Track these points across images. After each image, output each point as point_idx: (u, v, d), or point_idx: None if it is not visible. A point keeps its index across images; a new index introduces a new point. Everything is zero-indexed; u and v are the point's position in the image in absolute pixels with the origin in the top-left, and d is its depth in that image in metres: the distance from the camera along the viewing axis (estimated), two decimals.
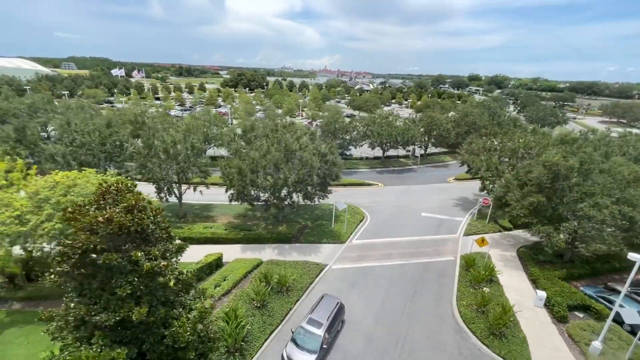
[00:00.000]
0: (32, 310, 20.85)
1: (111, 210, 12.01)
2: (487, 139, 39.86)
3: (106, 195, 12.67)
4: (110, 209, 12.11)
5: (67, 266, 11.79)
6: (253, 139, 32.38)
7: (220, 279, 23.73)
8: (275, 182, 26.31)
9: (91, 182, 21.57)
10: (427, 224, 35.94)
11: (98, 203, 12.47)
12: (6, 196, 19.07)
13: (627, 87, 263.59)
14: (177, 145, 29.13)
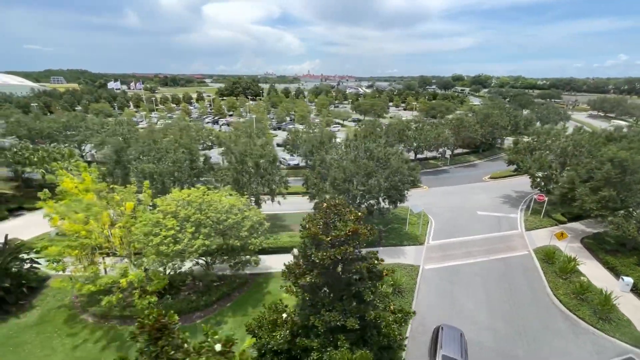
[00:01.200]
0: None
1: (342, 224, 13.17)
2: (532, 138, 42.38)
3: (327, 211, 13.78)
4: (340, 223, 13.27)
5: (310, 278, 12.85)
6: (329, 148, 33.56)
7: None
8: (369, 189, 27.64)
9: (215, 199, 22.31)
10: (487, 222, 37.97)
11: (326, 218, 13.57)
12: (155, 216, 19.65)
13: (603, 82, 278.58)
14: (261, 159, 30.05)
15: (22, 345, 19.68)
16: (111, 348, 19.51)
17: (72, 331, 20.83)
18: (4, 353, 19.07)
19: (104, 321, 21.70)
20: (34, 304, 23.35)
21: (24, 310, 22.73)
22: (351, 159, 28.92)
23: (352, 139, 32.85)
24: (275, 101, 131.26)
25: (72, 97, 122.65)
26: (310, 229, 13.10)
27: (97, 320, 21.81)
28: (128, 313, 21.83)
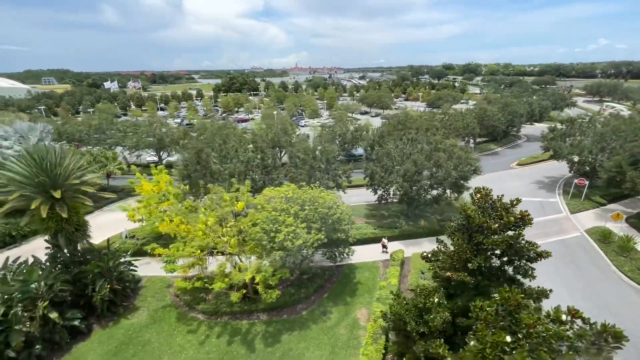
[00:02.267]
0: (282, 319, 22.29)
1: (504, 212, 14.31)
2: (565, 124, 44.21)
3: (484, 202, 14.89)
4: (499, 213, 14.41)
5: (471, 265, 14.00)
6: (385, 141, 34.53)
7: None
8: (439, 179, 28.85)
9: (316, 195, 23.14)
10: (531, 207, 39.52)
11: (483, 209, 14.67)
12: (272, 214, 20.37)
13: (589, 67, 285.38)
14: (330, 154, 30.88)
15: (148, 343, 20.35)
16: (236, 342, 20.36)
17: (189, 328, 21.55)
18: (136, 352, 19.74)
19: (215, 318, 22.47)
20: (137, 305, 23.91)
21: (130, 311, 23.29)
22: (418, 150, 30.01)
23: (413, 132, 33.87)
24: (279, 96, 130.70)
25: (72, 98, 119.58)
26: (476, 218, 14.21)
27: (207, 317, 22.56)
28: (237, 309, 22.65)
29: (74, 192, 21.76)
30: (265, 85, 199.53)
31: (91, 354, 19.69)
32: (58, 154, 21.38)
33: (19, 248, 32.51)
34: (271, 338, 20.68)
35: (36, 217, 21.87)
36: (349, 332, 21.26)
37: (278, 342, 20.35)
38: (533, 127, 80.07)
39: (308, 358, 19.28)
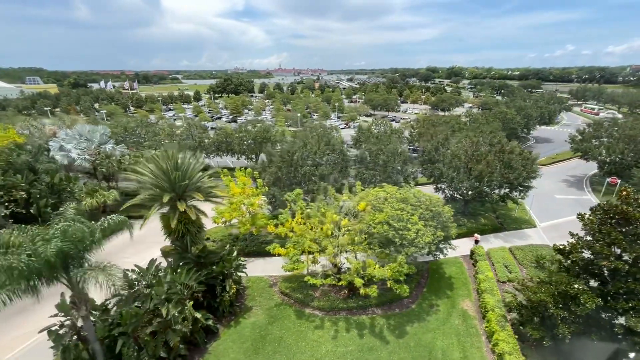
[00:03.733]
0: (396, 313, 23.53)
1: None
2: (592, 127, 47.72)
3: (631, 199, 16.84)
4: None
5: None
6: (448, 144, 36.36)
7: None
8: (510, 179, 30.95)
9: (413, 194, 24.59)
10: (569, 204, 42.75)
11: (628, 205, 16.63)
12: (396, 213, 21.61)
13: (566, 72, 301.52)
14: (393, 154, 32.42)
15: (281, 340, 21.07)
16: (366, 335, 21.44)
17: (314, 324, 22.36)
18: (274, 349, 20.43)
19: (332, 314, 23.41)
20: (247, 304, 24.47)
21: (244, 310, 23.84)
22: (485, 152, 32.05)
23: (471, 134, 35.90)
24: (283, 98, 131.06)
25: (69, 98, 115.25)
26: (635, 213, 16.17)
27: (324, 313, 23.46)
28: (352, 305, 23.71)
29: (191, 195, 22.17)
30: (261, 87, 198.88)
31: (230, 353, 20.23)
32: (183, 158, 21.76)
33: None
34: (397, 330, 21.90)
35: (163, 219, 22.26)
36: (463, 322, 22.78)
37: (406, 334, 21.60)
38: (537, 130, 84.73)
39: (440, 347, 20.64)
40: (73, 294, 14.95)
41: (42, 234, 13.98)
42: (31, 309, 22.70)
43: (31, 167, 33.26)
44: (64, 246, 13.58)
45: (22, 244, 13.32)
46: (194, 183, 21.95)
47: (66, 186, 33.52)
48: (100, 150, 35.41)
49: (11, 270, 12.37)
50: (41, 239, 13.58)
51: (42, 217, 32.34)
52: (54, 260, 13.23)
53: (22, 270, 12.57)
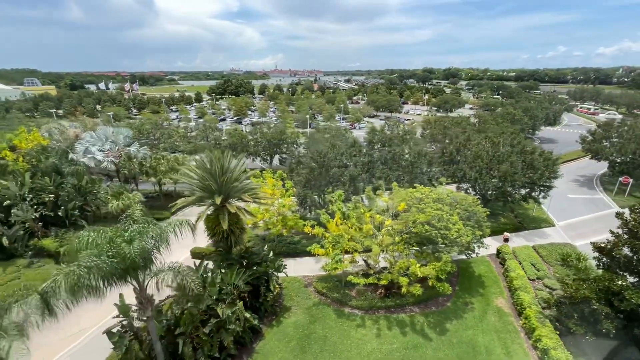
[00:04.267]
0: (433, 311, 24.02)
1: None
2: (602, 129, 48.80)
3: None
4: None
5: None
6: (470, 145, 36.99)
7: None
8: (531, 180, 31.69)
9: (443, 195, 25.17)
10: (582, 203, 43.67)
11: None
12: (436, 212, 22.12)
13: (562, 73, 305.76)
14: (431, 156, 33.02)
15: (326, 339, 21.44)
16: (409, 333, 21.90)
17: (355, 323, 22.78)
18: (321, 347, 20.79)
19: (371, 312, 23.84)
20: (286, 305, 24.79)
21: (284, 310, 24.15)
22: (508, 153, 32.76)
23: (491, 135, 36.56)
24: (282, 99, 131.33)
25: (72, 100, 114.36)
26: None
27: (364, 312, 23.87)
28: (390, 304, 24.16)
29: (239, 197, 22.48)
30: (261, 88, 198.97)
31: (278, 352, 20.56)
32: (227, 160, 22.05)
33: None
34: (437, 327, 22.40)
35: (208, 220, 22.53)
36: (500, 319, 23.34)
37: (447, 331, 22.10)
38: (542, 130, 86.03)
39: (481, 343, 21.16)
40: (140, 295, 15.17)
41: (122, 235, 14.19)
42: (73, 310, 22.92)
43: (57, 170, 33.27)
44: (145, 246, 13.84)
45: (102, 245, 13.55)
46: (239, 185, 22.24)
47: (92, 188, 33.58)
48: (124, 152, 35.47)
49: (98, 270, 12.62)
50: (123, 240, 13.82)
51: (70, 220, 32.42)
52: (137, 261, 13.49)
53: (106, 271, 12.83)
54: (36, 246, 29.95)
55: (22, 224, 28.96)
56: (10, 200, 29.06)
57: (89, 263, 12.63)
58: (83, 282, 12.89)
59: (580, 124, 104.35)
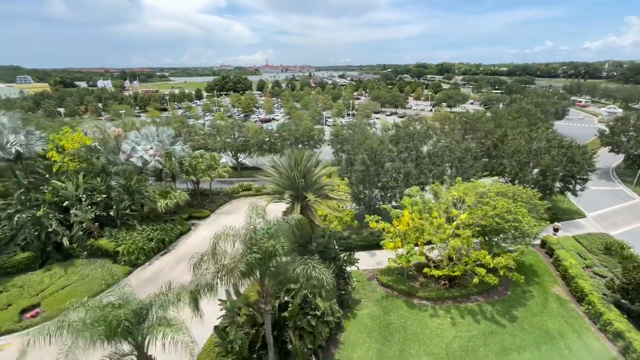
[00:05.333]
0: (496, 300, 25.17)
1: None
2: (618, 122, 50.77)
3: None
4: None
5: None
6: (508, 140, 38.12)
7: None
8: (571, 173, 33.10)
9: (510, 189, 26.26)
10: (605, 194, 45.56)
11: None
12: (505, 205, 23.17)
13: (552, 68, 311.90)
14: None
15: (405, 328, 22.35)
16: (482, 321, 22.98)
17: (429, 313, 23.74)
18: (403, 336, 21.71)
19: (440, 303, 24.84)
20: (355, 298, 25.56)
21: (355, 303, 24.92)
22: (546, 147, 34.12)
23: (527, 130, 37.82)
24: (287, 95, 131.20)
25: (73, 98, 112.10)
26: None
27: (432, 303, 24.84)
28: (457, 294, 25.21)
29: (317, 194, 23.06)
30: (259, 84, 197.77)
31: (363, 342, 21.38)
32: (306, 156, 22.58)
33: (169, 254, 32.43)
34: (506, 315, 23.56)
35: (285, 215, 22.99)
36: (561, 306, 24.63)
37: (516, 318, 23.27)
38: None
39: (553, 328, 22.38)
40: (264, 290, 15.69)
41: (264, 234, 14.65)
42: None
43: (105, 170, 33.23)
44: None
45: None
46: (318, 182, 22.82)
47: (140, 188, 33.66)
48: (169, 151, 35.56)
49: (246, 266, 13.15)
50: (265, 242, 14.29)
51: (121, 220, 32.49)
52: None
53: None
54: (93, 246, 29.99)
55: (79, 224, 28.97)
56: (68, 201, 29.01)
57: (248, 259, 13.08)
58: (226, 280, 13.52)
59: (582, 118, 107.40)
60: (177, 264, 30.56)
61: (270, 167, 22.94)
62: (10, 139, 28.12)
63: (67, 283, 26.58)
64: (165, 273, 29.20)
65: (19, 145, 28.19)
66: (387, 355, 20.50)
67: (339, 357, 20.33)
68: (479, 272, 22.06)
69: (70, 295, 25.24)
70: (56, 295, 25.37)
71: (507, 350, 20.70)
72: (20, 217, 26.89)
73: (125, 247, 29.51)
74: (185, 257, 31.55)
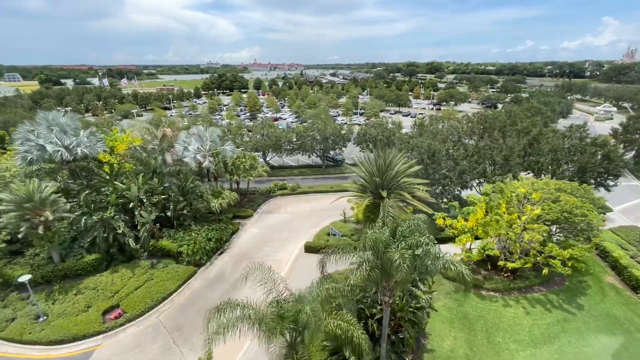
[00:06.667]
0: (557, 290, 26.72)
1: None
2: (632, 121, 53.64)
3: None
4: None
5: None
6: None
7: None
8: (607, 169, 35.16)
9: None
10: (624, 190, 47.82)
11: None
12: (575, 200, 24.67)
13: (538, 67, 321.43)
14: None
15: (483, 318, 23.58)
16: (553, 309, 24.45)
17: (501, 303, 25.06)
18: (484, 325, 22.92)
19: (507, 294, 26.20)
20: None
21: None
22: (582, 145, 36.08)
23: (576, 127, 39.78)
24: (292, 94, 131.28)
25: (73, 97, 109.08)
26: None
27: (500, 294, 26.15)
28: (521, 285, 26.63)
29: (399, 192, 24.00)
30: (256, 83, 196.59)
31: (448, 332, 22.51)
32: (389, 157, 23.46)
33: (226, 253, 32.73)
34: (573, 303, 25.12)
35: (366, 209, 23.91)
36: (618, 294, 26.37)
37: (583, 306, 24.85)
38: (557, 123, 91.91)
39: (621, 315, 24.04)
40: (389, 284, 16.47)
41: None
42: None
43: (157, 170, 33.20)
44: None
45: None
46: (401, 181, 23.74)
47: (195, 188, 33.80)
48: (219, 151, 35.74)
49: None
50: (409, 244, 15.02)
51: (178, 220, 32.60)
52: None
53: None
54: (155, 247, 30.04)
55: (144, 225, 29.01)
56: (132, 202, 28.99)
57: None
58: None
59: (578, 116, 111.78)
60: (238, 263, 30.95)
61: (352, 165, 23.68)
62: (73, 139, 27.82)
63: (139, 284, 26.62)
64: (229, 273, 29.58)
65: (85, 147, 27.90)
66: (476, 343, 21.67)
67: (431, 347, 21.37)
68: (553, 263, 23.45)
69: (146, 296, 25.55)
70: (132, 296, 25.45)
71: (585, 335, 22.20)
72: (89, 218, 26.74)
73: (189, 248, 29.70)
74: (242, 256, 32.23)
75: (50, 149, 26.48)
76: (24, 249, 28.13)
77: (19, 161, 26.53)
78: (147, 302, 25.01)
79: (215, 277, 29.10)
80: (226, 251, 32.96)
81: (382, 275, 14.91)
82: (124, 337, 22.79)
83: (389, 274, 14.81)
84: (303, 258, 31.40)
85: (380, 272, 14.79)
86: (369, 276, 14.42)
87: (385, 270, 14.82)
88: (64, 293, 25.25)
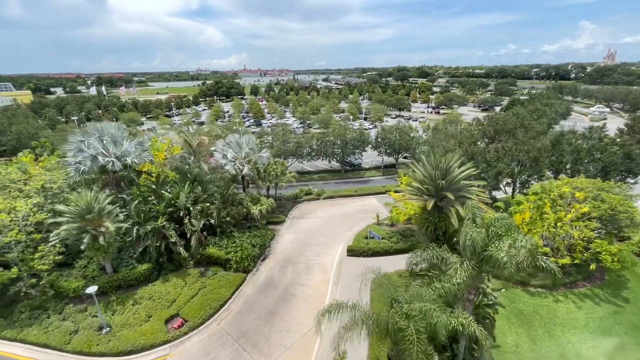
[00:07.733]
0: (599, 284, 27.87)
1: None
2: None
3: None
4: None
5: None
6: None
7: None
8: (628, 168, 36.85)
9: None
10: (636, 187, 50.18)
11: None
12: (619, 199, 25.92)
13: (526, 69, 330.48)
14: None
15: (537, 314, 24.47)
16: (598, 303, 25.52)
17: (552, 299, 26.00)
18: (540, 321, 23.79)
19: (554, 290, 27.17)
20: None
21: None
22: (602, 145, 37.73)
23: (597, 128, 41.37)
24: (295, 100, 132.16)
25: (73, 106, 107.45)
26: None
27: (547, 290, 27.10)
28: (567, 281, 27.68)
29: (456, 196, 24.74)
30: (252, 89, 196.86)
31: (508, 327, 23.31)
32: (450, 161, 24.25)
33: (269, 259, 32.95)
34: (617, 297, 26.24)
35: (422, 213, 24.63)
36: None
37: (628, 299, 25.99)
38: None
39: None
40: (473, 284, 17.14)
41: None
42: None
43: (197, 178, 33.37)
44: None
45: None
46: (456, 182, 24.53)
47: (236, 195, 34.05)
48: (256, 158, 36.12)
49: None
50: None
51: (221, 228, 32.75)
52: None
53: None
54: (203, 255, 30.14)
55: (193, 233, 29.13)
56: (181, 211, 29.10)
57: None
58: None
59: (573, 117, 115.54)
60: (283, 268, 31.26)
61: (408, 168, 24.36)
62: (122, 150, 27.85)
63: (193, 292, 26.69)
64: (278, 278, 29.83)
65: (134, 157, 27.95)
66: (538, 337, 22.52)
67: (497, 343, 22.07)
68: (603, 258, 24.56)
69: (204, 304, 25.65)
70: (190, 304, 25.52)
71: (638, 327, 23.27)
72: (142, 228, 26.76)
73: (237, 255, 29.89)
74: (286, 261, 32.55)
75: (102, 160, 26.45)
76: (70, 261, 27.93)
77: (72, 172, 26.40)
78: (206, 310, 25.11)
79: (265, 282, 29.30)
80: (269, 257, 33.15)
81: (480, 273, 15.60)
82: (190, 346, 22.83)
83: (485, 272, 15.54)
84: (347, 261, 31.91)
85: (478, 270, 15.47)
86: (470, 275, 15.07)
87: (481, 268, 15.52)
88: (122, 304, 25.16)
